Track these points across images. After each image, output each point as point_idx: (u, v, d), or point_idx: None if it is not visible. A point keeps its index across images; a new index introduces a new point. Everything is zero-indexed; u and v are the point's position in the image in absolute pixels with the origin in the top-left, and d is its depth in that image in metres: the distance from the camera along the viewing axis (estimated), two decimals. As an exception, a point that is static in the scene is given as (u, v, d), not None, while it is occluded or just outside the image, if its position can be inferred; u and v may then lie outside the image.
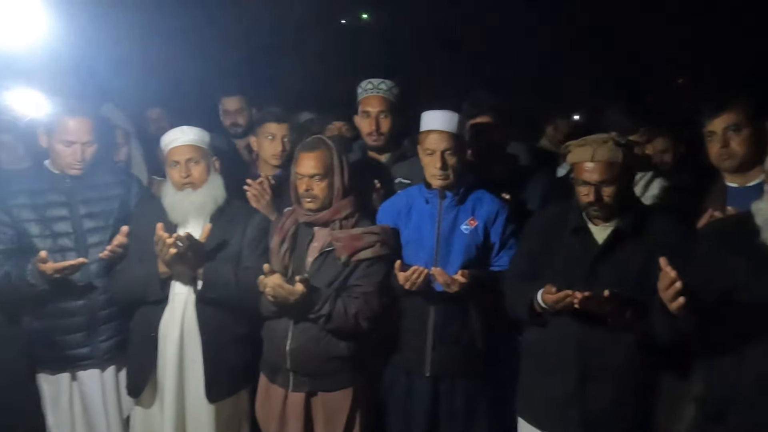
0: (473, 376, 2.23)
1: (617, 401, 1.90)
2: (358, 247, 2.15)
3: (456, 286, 2.05)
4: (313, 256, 2.21)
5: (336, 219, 2.20)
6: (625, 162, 1.86)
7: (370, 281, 2.16)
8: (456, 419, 2.23)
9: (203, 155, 2.31)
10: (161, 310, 2.26)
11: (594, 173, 1.86)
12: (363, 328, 2.14)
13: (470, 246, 2.20)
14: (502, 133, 2.57)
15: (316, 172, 2.17)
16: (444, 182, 2.20)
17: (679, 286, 1.49)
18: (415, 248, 2.23)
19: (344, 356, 2.18)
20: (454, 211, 2.22)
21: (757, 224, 1.55)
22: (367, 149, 2.70)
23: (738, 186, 2.07)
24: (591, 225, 1.96)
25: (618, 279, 1.83)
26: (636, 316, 1.81)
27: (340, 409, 2.22)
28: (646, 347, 1.84)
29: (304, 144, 2.25)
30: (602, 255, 1.91)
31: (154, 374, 2.29)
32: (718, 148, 2.05)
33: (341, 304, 2.12)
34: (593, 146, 1.86)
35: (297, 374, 2.19)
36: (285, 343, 2.17)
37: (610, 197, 1.87)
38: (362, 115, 2.63)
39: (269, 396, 2.27)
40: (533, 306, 1.95)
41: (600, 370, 1.90)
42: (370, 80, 2.63)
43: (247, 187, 2.47)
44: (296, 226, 2.26)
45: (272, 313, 2.19)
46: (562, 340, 1.94)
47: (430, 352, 2.19)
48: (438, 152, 2.17)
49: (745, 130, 2.01)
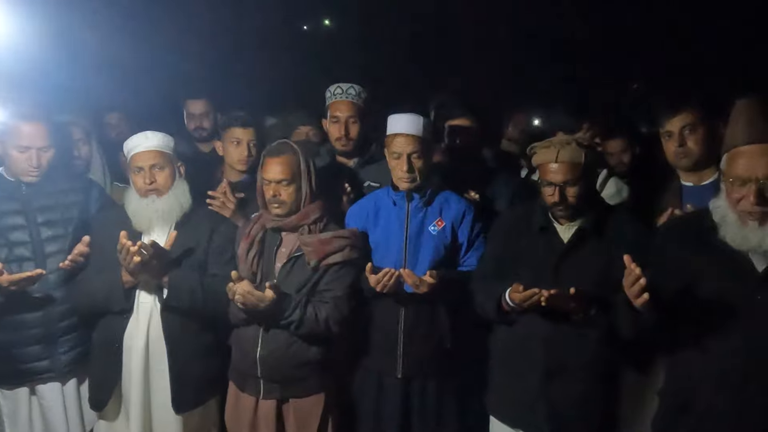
0: (444, 376, 2.25)
1: (583, 396, 1.94)
2: (327, 251, 2.15)
3: (425, 287, 2.07)
4: (281, 262, 2.19)
5: (304, 224, 2.19)
6: (588, 162, 1.92)
7: (340, 285, 2.16)
8: (428, 419, 2.24)
9: (168, 161, 2.26)
10: (125, 320, 2.20)
11: (558, 174, 1.90)
12: (334, 333, 2.13)
13: (438, 246, 2.22)
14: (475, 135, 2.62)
15: (283, 177, 2.16)
16: (411, 184, 2.21)
17: (644, 282, 1.53)
18: (383, 250, 2.24)
19: (315, 361, 2.17)
20: (422, 213, 2.24)
21: (715, 221, 1.61)
22: (334, 153, 2.70)
23: (693, 185, 2.16)
24: (556, 224, 2.01)
25: (582, 277, 1.88)
26: (600, 312, 1.85)
27: (312, 415, 2.20)
28: (610, 343, 1.88)
29: (270, 149, 2.23)
30: (567, 254, 1.95)
31: (119, 386, 2.23)
32: (674, 147, 2.13)
33: (311, 309, 2.11)
34: (557, 147, 1.91)
35: (268, 381, 2.17)
36: (255, 350, 2.14)
37: (574, 197, 1.92)
38: (331, 119, 2.63)
39: (239, 404, 2.24)
40: (501, 305, 1.98)
41: (566, 367, 1.94)
42: (339, 85, 2.63)
43: (209, 200, 2.43)
44: (264, 232, 2.23)
45: (241, 321, 2.17)
46: (530, 338, 1.97)
47: (401, 353, 2.20)
48: (405, 155, 2.19)
49: (700, 129, 2.09)
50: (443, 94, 3.08)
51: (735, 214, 1.57)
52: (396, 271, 2.08)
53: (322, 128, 2.77)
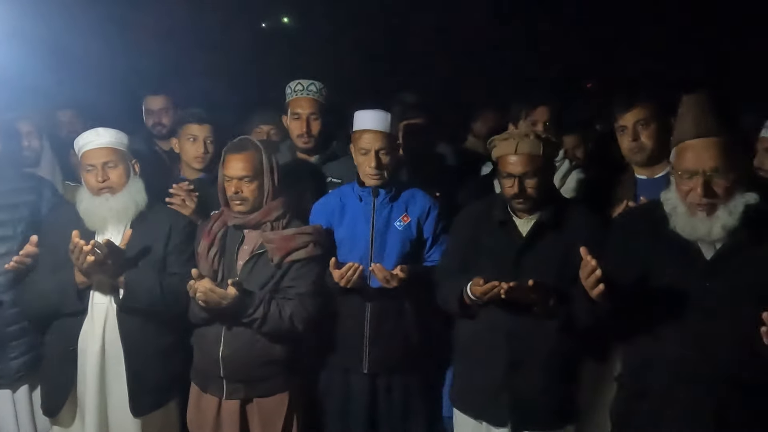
0: (410, 371, 2.26)
1: (545, 386, 1.98)
2: (291, 248, 2.13)
3: (395, 282, 2.07)
4: (244, 259, 2.16)
5: (267, 221, 2.17)
6: (546, 155, 1.96)
7: (304, 282, 2.14)
8: (394, 414, 2.25)
9: (121, 158, 2.20)
10: (80, 322, 2.14)
11: (517, 165, 1.94)
12: (298, 330, 2.12)
13: (404, 242, 2.23)
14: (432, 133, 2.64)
15: (245, 174, 2.13)
16: (378, 181, 2.22)
17: (599, 273, 1.57)
18: (349, 246, 2.23)
19: (279, 360, 2.14)
20: (388, 208, 2.25)
21: (666, 212, 1.67)
22: (296, 150, 2.68)
23: (647, 178, 2.22)
24: (515, 218, 2.04)
25: (541, 269, 1.92)
26: (559, 303, 1.90)
27: (277, 414, 2.18)
28: (570, 333, 1.92)
29: (231, 145, 2.20)
30: (526, 247, 1.99)
31: (73, 391, 2.16)
32: (629, 141, 2.19)
33: (275, 306, 2.08)
34: (516, 140, 1.95)
35: (231, 381, 2.14)
36: (217, 349, 2.11)
37: (533, 189, 1.95)
38: (292, 116, 2.61)
39: (201, 406, 2.20)
40: (463, 298, 2.00)
41: (528, 357, 1.97)
42: (299, 81, 2.62)
43: (169, 199, 2.38)
44: (225, 229, 2.20)
45: (203, 320, 2.13)
46: (492, 330, 2.00)
47: (368, 349, 2.20)
48: (372, 151, 2.19)
49: (653, 124, 2.16)
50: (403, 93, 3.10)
51: (684, 206, 1.62)
52: (360, 266, 2.08)
53: (283, 126, 2.74)
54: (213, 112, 2.69)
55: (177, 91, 3.24)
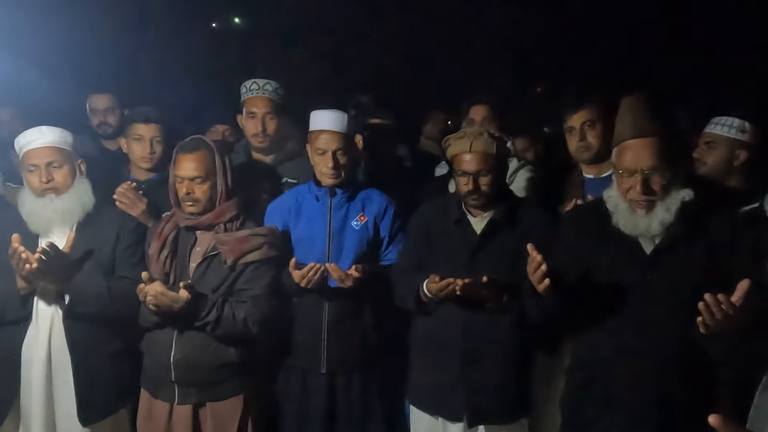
0: (368, 369, 2.27)
1: (499, 380, 2.02)
2: (244, 249, 2.10)
3: (351, 281, 2.08)
4: (196, 262, 2.12)
5: (220, 222, 2.14)
6: (499, 153, 2.01)
7: (258, 284, 2.12)
8: (353, 413, 2.25)
9: (66, 158, 2.13)
10: (23, 330, 2.06)
11: (472, 163, 1.98)
12: (253, 333, 2.09)
13: (361, 241, 2.24)
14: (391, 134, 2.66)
15: (197, 175, 2.10)
16: (335, 180, 2.22)
17: (545, 269, 1.62)
18: (306, 246, 2.23)
19: (234, 363, 2.12)
20: (344, 208, 2.25)
21: (609, 209, 1.73)
22: (251, 150, 2.65)
23: (594, 177, 2.30)
24: (470, 217, 2.08)
25: (495, 265, 1.97)
26: (512, 299, 1.95)
27: (231, 418, 2.15)
28: (522, 328, 1.97)
29: (183, 145, 2.16)
30: (481, 244, 2.03)
31: (17, 402, 2.07)
32: (576, 141, 2.27)
33: (229, 309, 2.05)
34: (470, 138, 1.99)
35: (183, 386, 2.09)
36: (169, 354, 2.06)
37: (487, 186, 2.00)
38: (247, 115, 2.59)
39: (152, 412, 2.15)
40: (419, 296, 2.02)
41: (482, 353, 2.02)
42: (255, 80, 2.60)
43: (117, 197, 2.31)
44: (176, 231, 2.15)
45: (153, 324, 2.08)
46: (447, 327, 2.03)
47: (326, 348, 2.20)
48: (329, 152, 2.19)
49: (598, 125, 2.24)
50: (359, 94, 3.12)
51: (625, 203, 1.69)
52: (321, 266, 2.07)
53: (239, 126, 2.71)
54: (163, 111, 2.63)
55: (123, 90, 3.15)
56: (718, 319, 1.41)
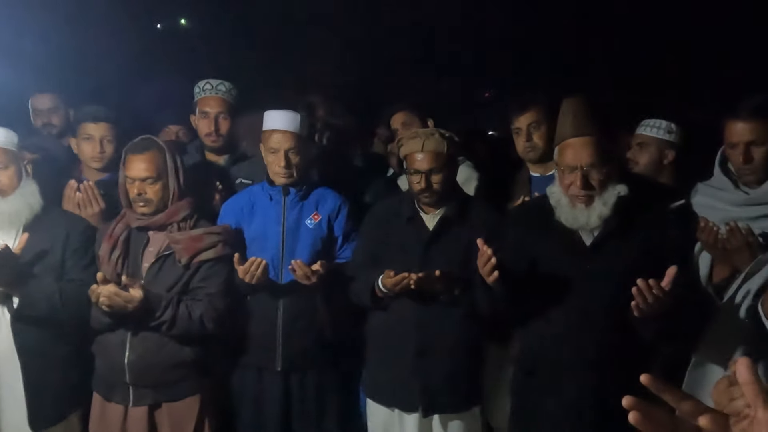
0: (324, 367, 2.29)
1: (452, 370, 2.10)
2: (199, 248, 2.10)
3: (315, 278, 2.09)
4: (149, 262, 2.11)
5: (173, 221, 2.13)
6: (450, 152, 2.08)
7: (213, 282, 2.12)
8: (308, 411, 2.26)
9: (12, 158, 2.07)
10: (-32, 335, 1.98)
11: (424, 162, 2.05)
12: (209, 331, 2.09)
13: (315, 240, 2.27)
14: (344, 134, 2.70)
15: (148, 175, 2.08)
16: (288, 180, 2.24)
17: (494, 262, 1.70)
18: (261, 245, 2.24)
19: (189, 362, 2.11)
20: (298, 207, 2.28)
21: (552, 204, 1.84)
22: (204, 150, 2.64)
23: (540, 175, 2.41)
24: (422, 214, 2.15)
25: (447, 260, 2.04)
26: (463, 292, 2.02)
27: (188, 418, 2.14)
28: (473, 319, 2.06)
29: (133, 145, 2.14)
30: (433, 240, 2.10)
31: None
32: (523, 142, 2.38)
33: (184, 307, 2.05)
34: (423, 138, 2.06)
35: (138, 387, 2.07)
36: (122, 355, 2.04)
37: (439, 184, 2.07)
38: (200, 115, 2.58)
39: (106, 416, 2.11)
40: (374, 291, 2.08)
41: (436, 344, 2.08)
42: (208, 81, 2.60)
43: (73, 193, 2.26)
44: (128, 232, 2.13)
45: (106, 326, 2.05)
46: (402, 321, 2.09)
47: (281, 346, 2.21)
48: (282, 151, 2.21)
49: (543, 126, 2.35)
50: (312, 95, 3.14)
51: (567, 198, 1.80)
52: (263, 261, 2.08)
53: (192, 127, 2.70)
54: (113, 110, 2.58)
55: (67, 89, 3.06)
56: (649, 303, 1.53)
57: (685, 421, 0.60)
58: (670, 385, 0.63)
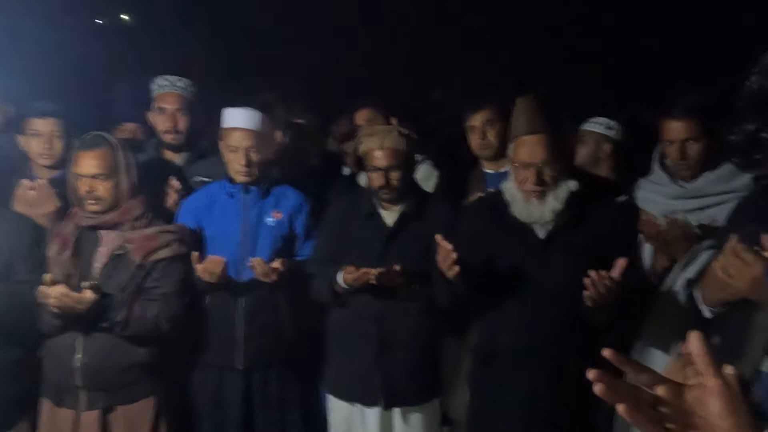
0: (285, 364, 2.28)
1: (412, 364, 2.13)
2: (153, 247, 2.06)
3: (275, 275, 2.08)
4: (101, 262, 2.05)
5: (126, 220, 2.08)
6: (408, 149, 2.12)
7: (168, 281, 2.08)
8: (270, 409, 2.25)
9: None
10: None
11: (383, 159, 2.08)
12: (164, 331, 2.05)
13: (276, 237, 2.26)
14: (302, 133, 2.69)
15: (98, 172, 2.03)
16: (247, 177, 2.23)
17: (455, 256, 1.74)
18: (220, 243, 2.21)
19: (144, 363, 2.06)
20: (259, 205, 2.26)
21: (507, 200, 1.89)
22: (161, 148, 2.58)
23: (494, 171, 2.48)
24: (381, 210, 2.18)
25: (406, 255, 2.07)
26: (422, 286, 2.06)
27: (143, 421, 2.09)
28: (433, 313, 2.10)
29: (82, 142, 2.08)
30: (392, 236, 2.13)
31: None
32: (478, 139, 2.44)
33: (138, 307, 2.00)
34: (381, 135, 2.09)
35: (90, 391, 2.01)
36: (73, 358, 1.98)
37: (397, 180, 2.10)
38: (158, 111, 2.53)
39: (56, 422, 2.04)
40: (335, 287, 2.08)
41: (395, 339, 2.11)
42: (166, 77, 2.55)
43: (25, 189, 2.17)
44: (78, 231, 2.06)
45: (56, 328, 1.98)
46: (362, 316, 2.11)
47: (242, 344, 2.19)
48: (242, 149, 2.19)
49: (497, 124, 2.42)
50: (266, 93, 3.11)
51: (521, 193, 1.86)
52: (222, 259, 2.06)
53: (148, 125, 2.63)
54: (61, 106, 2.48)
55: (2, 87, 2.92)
56: (601, 293, 1.60)
57: (644, 390, 0.66)
58: (629, 359, 0.69)
